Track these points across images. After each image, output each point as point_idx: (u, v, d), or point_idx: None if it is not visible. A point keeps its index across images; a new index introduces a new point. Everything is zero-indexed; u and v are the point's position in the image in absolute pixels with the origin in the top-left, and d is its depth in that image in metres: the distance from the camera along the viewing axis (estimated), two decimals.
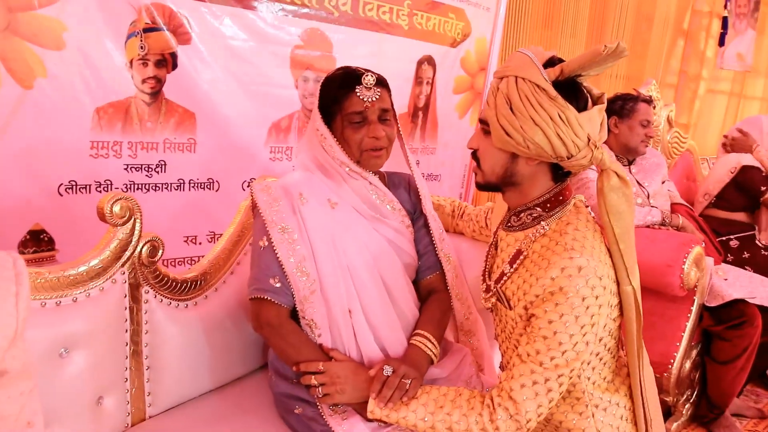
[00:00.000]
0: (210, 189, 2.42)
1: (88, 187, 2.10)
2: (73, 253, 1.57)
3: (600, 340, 1.29)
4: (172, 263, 2.37)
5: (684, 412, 2.59)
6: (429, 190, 1.68)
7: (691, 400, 2.62)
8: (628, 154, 2.72)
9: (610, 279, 1.25)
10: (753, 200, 3.13)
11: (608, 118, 2.72)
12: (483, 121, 1.32)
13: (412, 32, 3.01)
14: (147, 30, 2.11)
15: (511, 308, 1.32)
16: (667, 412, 2.64)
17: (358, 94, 1.47)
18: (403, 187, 1.66)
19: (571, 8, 4.60)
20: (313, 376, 1.40)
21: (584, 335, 1.21)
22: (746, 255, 3.08)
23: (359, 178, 1.54)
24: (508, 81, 1.25)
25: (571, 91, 1.23)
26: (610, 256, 1.27)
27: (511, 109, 1.22)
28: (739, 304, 2.44)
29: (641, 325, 1.31)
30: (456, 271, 1.66)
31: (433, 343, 1.50)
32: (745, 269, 3.04)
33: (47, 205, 2.03)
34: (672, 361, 2.38)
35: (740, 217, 3.22)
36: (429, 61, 3.19)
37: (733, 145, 3.31)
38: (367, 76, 1.48)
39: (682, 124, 6.29)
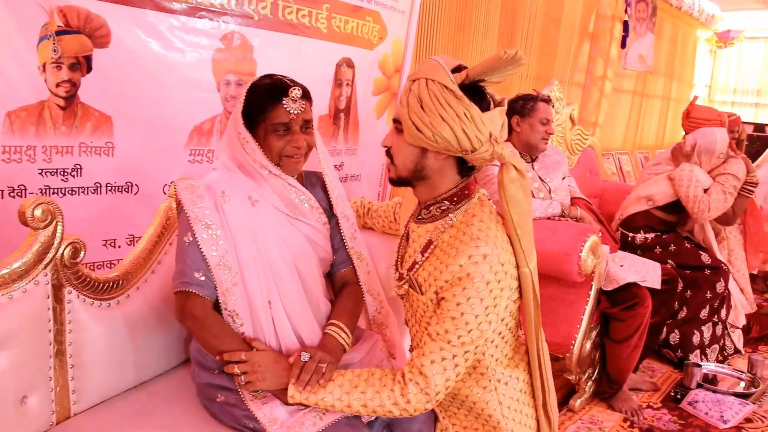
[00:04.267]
0: (129, 192, 2.41)
1: (0, 192, 2.09)
2: None
3: (502, 320, 1.44)
4: (92, 267, 2.35)
5: (587, 389, 2.80)
6: (351, 190, 1.78)
7: (593, 378, 2.84)
8: (530, 151, 2.90)
9: (510, 264, 1.40)
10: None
11: (510, 117, 2.90)
12: (396, 120, 1.45)
13: (330, 35, 3.06)
14: (60, 33, 2.09)
15: (422, 293, 1.45)
16: (572, 390, 2.85)
17: (284, 106, 1.56)
18: (319, 186, 1.77)
19: (483, 12, 4.76)
20: (235, 365, 1.48)
21: (488, 315, 1.35)
22: (673, 248, 3.35)
23: (278, 179, 1.63)
24: (419, 83, 1.39)
25: (476, 93, 1.38)
26: (511, 243, 1.42)
27: (422, 107, 1.37)
28: (632, 287, 2.67)
29: (538, 304, 1.47)
30: (368, 268, 1.78)
31: (345, 332, 1.61)
32: (668, 262, 3.31)
33: None
34: (573, 342, 2.57)
35: (674, 218, 3.50)
36: (348, 63, 3.25)
37: (674, 152, 3.57)
38: (294, 89, 1.57)
39: (591, 122, 6.64)
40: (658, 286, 2.82)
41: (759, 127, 7.66)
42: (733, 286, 3.43)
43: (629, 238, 3.43)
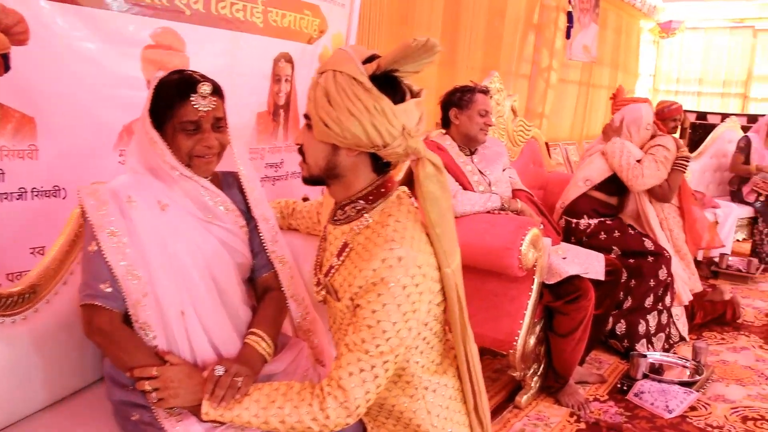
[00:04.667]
0: (56, 197, 2.29)
1: None
2: None
3: (426, 325, 1.36)
4: (18, 277, 2.23)
5: (533, 385, 2.76)
6: (292, 188, 1.69)
7: (539, 373, 2.80)
8: (469, 144, 2.85)
9: (430, 266, 1.32)
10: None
11: (448, 109, 2.84)
12: (306, 116, 1.35)
13: (267, 29, 2.97)
14: None
15: (339, 300, 1.36)
16: (518, 387, 2.81)
17: (193, 103, 1.47)
18: (237, 187, 1.67)
19: (426, 4, 4.71)
20: (147, 381, 1.38)
21: (407, 322, 1.27)
22: (617, 234, 3.34)
23: (190, 181, 1.53)
24: (327, 75, 1.30)
25: (388, 84, 1.29)
26: (431, 243, 1.34)
27: (329, 101, 1.28)
28: (574, 279, 2.63)
29: (463, 306, 1.39)
30: (292, 272, 1.69)
31: (266, 341, 1.52)
32: (612, 249, 3.30)
33: None
34: (516, 338, 2.53)
35: (614, 201, 3.50)
36: (286, 58, 3.17)
37: (605, 131, 3.59)
38: (203, 85, 1.48)
39: (538, 113, 6.66)
40: (601, 277, 2.80)
41: (701, 116, 7.80)
42: (676, 267, 3.44)
43: (573, 225, 3.41)
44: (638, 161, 3.39)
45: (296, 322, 1.70)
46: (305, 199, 2.24)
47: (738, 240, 5.44)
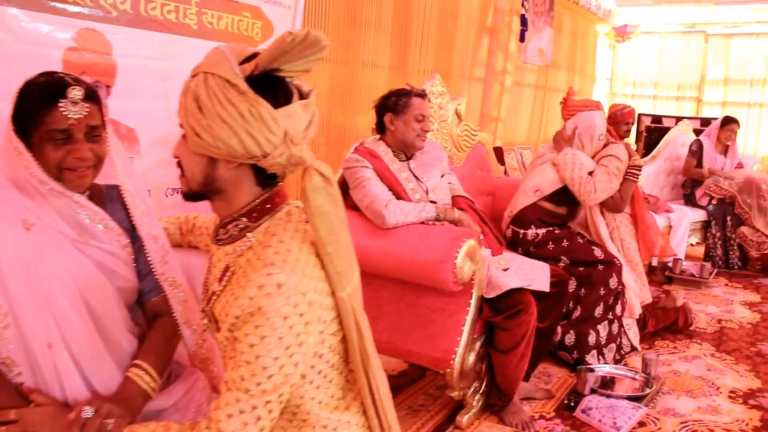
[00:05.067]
0: None
1: None
2: None
3: (320, 357, 1.19)
4: None
5: (475, 404, 2.61)
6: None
7: (481, 391, 2.65)
8: (406, 150, 2.69)
9: (319, 293, 1.15)
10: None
11: (383, 114, 2.69)
12: (181, 125, 1.18)
13: (202, 32, 2.81)
14: None
15: (218, 330, 1.19)
16: (460, 405, 2.66)
17: (62, 109, 1.30)
18: (121, 202, 1.49)
19: (375, 5, 4.57)
20: (4, 426, 1.20)
21: (291, 357, 1.10)
22: (565, 243, 3.23)
23: (62, 197, 1.35)
24: (198, 79, 1.14)
25: (269, 86, 1.13)
26: (323, 265, 1.18)
27: (199, 108, 1.11)
28: (515, 293, 2.49)
29: (363, 332, 1.22)
30: (186, 296, 1.51)
31: (150, 374, 1.35)
32: (561, 259, 3.18)
33: None
34: (454, 356, 2.37)
35: (564, 210, 3.37)
36: None
37: (556, 139, 3.47)
38: (74, 89, 1.31)
39: (493, 117, 6.56)
40: (546, 288, 2.67)
41: (656, 119, 7.80)
42: (627, 278, 3.33)
43: (521, 235, 3.29)
44: (590, 173, 3.28)
45: (191, 350, 1.52)
46: None
47: (692, 244, 5.40)
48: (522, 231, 3.29)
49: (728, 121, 5.50)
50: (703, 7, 8.44)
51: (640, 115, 8.34)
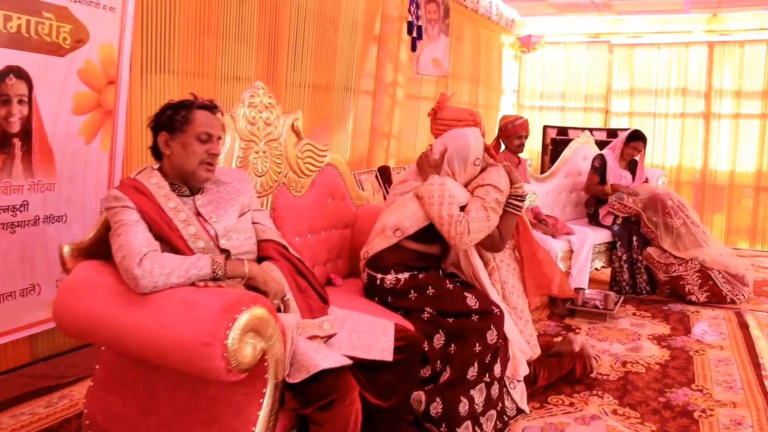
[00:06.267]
0: None
1: None
2: None
3: None
4: None
5: None
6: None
7: None
8: (188, 181, 1.99)
9: None
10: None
11: (157, 134, 1.99)
12: None
13: None
14: None
15: None
16: None
17: None
18: None
19: (233, 10, 3.92)
20: None
21: None
22: (431, 291, 2.62)
23: None
24: None
25: None
26: None
27: None
28: (327, 377, 1.80)
29: None
30: None
31: None
32: (425, 311, 2.56)
33: None
34: None
35: (435, 249, 2.78)
36: (17, 73, 2.50)
37: (420, 164, 2.85)
38: None
39: (385, 133, 5.97)
40: (389, 357, 2.03)
41: (562, 131, 7.41)
42: (510, 329, 2.72)
43: (377, 281, 2.65)
44: (464, 208, 2.68)
45: None
46: None
47: (596, 269, 4.89)
48: (379, 276, 2.66)
49: (633, 138, 5.04)
50: (605, 17, 8.27)
51: (545, 127, 8.02)
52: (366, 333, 2.08)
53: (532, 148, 8.69)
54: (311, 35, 4.70)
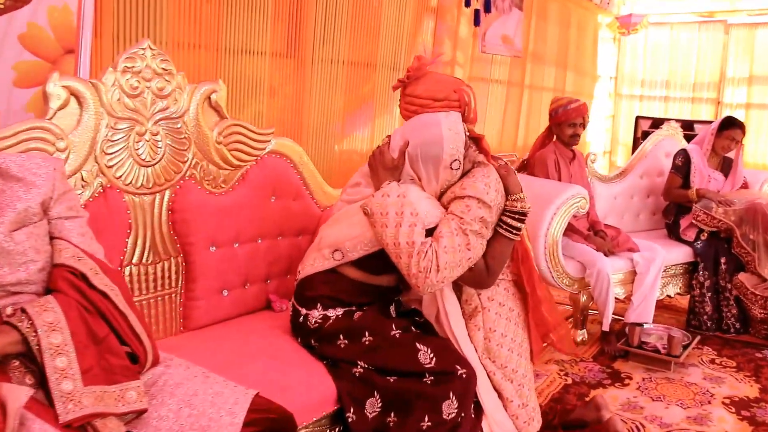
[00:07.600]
0: None
1: None
2: None
3: None
4: None
5: None
6: None
7: None
8: None
9: None
10: None
11: None
12: None
13: None
14: None
15: None
16: None
17: None
18: None
19: None
20: None
21: None
22: (368, 340, 1.91)
23: None
24: None
25: None
26: None
27: None
28: None
29: None
30: None
31: None
32: (358, 364, 1.85)
33: None
34: None
35: (388, 280, 2.07)
36: None
37: (373, 163, 2.09)
38: None
39: None
40: None
41: (657, 123, 6.33)
42: (487, 398, 1.93)
43: (301, 318, 1.93)
44: (430, 232, 1.91)
45: None
46: None
47: (669, 296, 3.89)
48: (303, 311, 1.95)
49: (728, 125, 3.96)
50: None
51: (638, 117, 7.04)
52: (205, 407, 1.38)
53: (627, 142, 7.67)
54: (347, 3, 4.08)
